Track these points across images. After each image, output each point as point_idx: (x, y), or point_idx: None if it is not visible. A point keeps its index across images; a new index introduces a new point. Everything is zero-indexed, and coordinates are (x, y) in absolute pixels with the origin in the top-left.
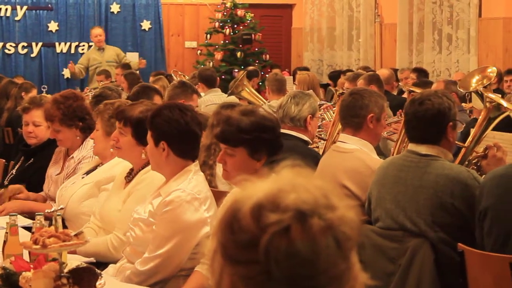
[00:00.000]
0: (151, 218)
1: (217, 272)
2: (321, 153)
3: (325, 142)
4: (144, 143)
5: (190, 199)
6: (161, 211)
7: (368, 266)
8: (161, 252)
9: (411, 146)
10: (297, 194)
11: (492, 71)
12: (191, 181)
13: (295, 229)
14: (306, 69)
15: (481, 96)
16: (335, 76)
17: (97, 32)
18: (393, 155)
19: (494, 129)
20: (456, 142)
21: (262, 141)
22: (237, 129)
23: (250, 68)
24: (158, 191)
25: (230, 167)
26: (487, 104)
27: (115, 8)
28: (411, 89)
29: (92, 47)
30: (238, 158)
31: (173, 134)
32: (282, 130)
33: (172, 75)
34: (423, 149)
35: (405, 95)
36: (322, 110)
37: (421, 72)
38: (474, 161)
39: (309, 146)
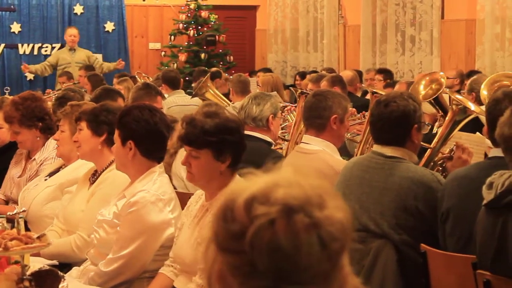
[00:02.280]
0: (116, 219)
1: (210, 261)
2: (284, 154)
3: (288, 143)
4: (99, 133)
5: (154, 200)
6: (126, 212)
7: None
8: (125, 253)
9: (376, 148)
10: (289, 189)
11: (442, 75)
12: (156, 182)
13: (280, 223)
14: (269, 70)
15: (434, 101)
16: (304, 76)
17: (72, 32)
18: (356, 155)
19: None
20: (422, 143)
21: (226, 143)
22: (201, 131)
23: (213, 69)
24: (123, 192)
25: (195, 169)
26: (453, 107)
27: (78, 9)
28: (374, 90)
29: (57, 48)
30: (203, 160)
31: (141, 133)
32: (245, 132)
33: (136, 77)
34: (388, 150)
35: (368, 97)
36: (285, 112)
37: (387, 73)
38: (439, 162)
39: (273, 147)
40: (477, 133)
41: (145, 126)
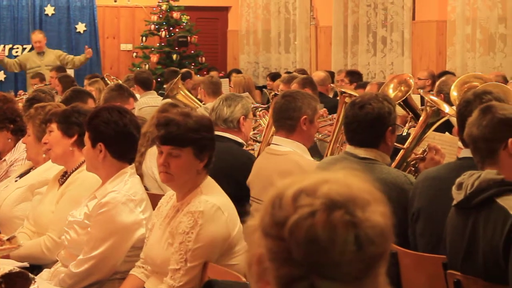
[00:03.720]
0: (86, 220)
1: (254, 245)
2: (256, 155)
3: (260, 144)
4: (70, 134)
5: (125, 201)
6: (96, 213)
7: None
8: (96, 253)
9: (349, 149)
10: (336, 186)
11: (410, 77)
12: (127, 183)
13: (320, 215)
14: (239, 71)
15: (403, 103)
16: (276, 77)
17: (38, 38)
18: (326, 155)
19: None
20: (395, 144)
21: (206, 141)
22: (185, 129)
23: (183, 70)
24: (94, 193)
25: (174, 169)
26: (427, 108)
27: (49, 10)
28: (342, 90)
29: (28, 49)
30: (184, 159)
31: (111, 135)
32: (216, 132)
33: (106, 79)
34: (361, 152)
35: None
36: (258, 116)
37: (354, 75)
38: (412, 163)
39: (245, 148)
40: (447, 133)
41: (114, 128)
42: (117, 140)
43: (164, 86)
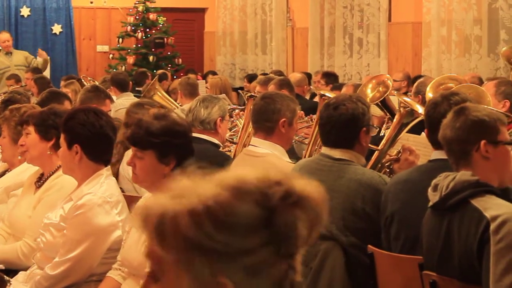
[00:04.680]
0: (62, 222)
1: None
2: (232, 156)
3: (236, 145)
4: (48, 138)
5: (101, 203)
6: (72, 215)
7: None
8: (72, 255)
9: (325, 150)
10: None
11: (388, 78)
12: (103, 185)
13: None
14: (214, 73)
15: (381, 104)
16: (253, 78)
17: (4, 37)
18: (305, 157)
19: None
20: (370, 145)
21: (171, 146)
22: (146, 132)
23: (159, 71)
24: (70, 196)
25: (139, 170)
26: (401, 109)
27: (25, 11)
28: (322, 92)
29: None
30: (147, 162)
31: (87, 137)
32: (193, 134)
33: (82, 80)
34: (336, 153)
35: (316, 99)
36: (234, 117)
37: (330, 76)
38: (387, 164)
39: (221, 149)
40: (422, 133)
41: (90, 130)
42: (93, 142)
43: (137, 88)
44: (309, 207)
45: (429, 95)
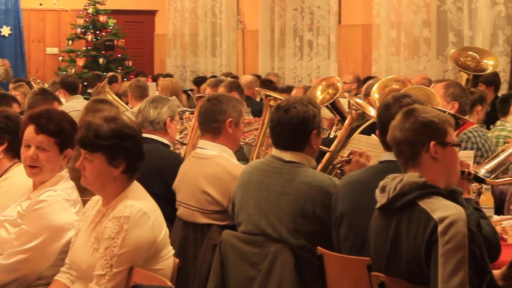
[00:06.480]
0: (19, 219)
1: None
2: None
3: (186, 147)
4: (0, 142)
5: (61, 199)
6: (31, 209)
7: (230, 271)
8: (27, 247)
9: (275, 152)
10: None
11: (338, 80)
12: (63, 184)
13: None
14: (169, 75)
15: (331, 106)
16: (200, 82)
17: None
18: (252, 159)
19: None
20: (321, 146)
21: (120, 149)
22: (95, 135)
23: (110, 74)
24: (28, 195)
25: (88, 173)
26: (353, 112)
27: None
28: (267, 93)
29: None
30: (96, 164)
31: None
32: (143, 135)
33: (32, 83)
34: (287, 155)
35: None
36: (185, 120)
37: (265, 81)
38: (338, 166)
39: (171, 150)
40: (373, 135)
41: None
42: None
43: (89, 90)
44: None
45: (375, 95)
